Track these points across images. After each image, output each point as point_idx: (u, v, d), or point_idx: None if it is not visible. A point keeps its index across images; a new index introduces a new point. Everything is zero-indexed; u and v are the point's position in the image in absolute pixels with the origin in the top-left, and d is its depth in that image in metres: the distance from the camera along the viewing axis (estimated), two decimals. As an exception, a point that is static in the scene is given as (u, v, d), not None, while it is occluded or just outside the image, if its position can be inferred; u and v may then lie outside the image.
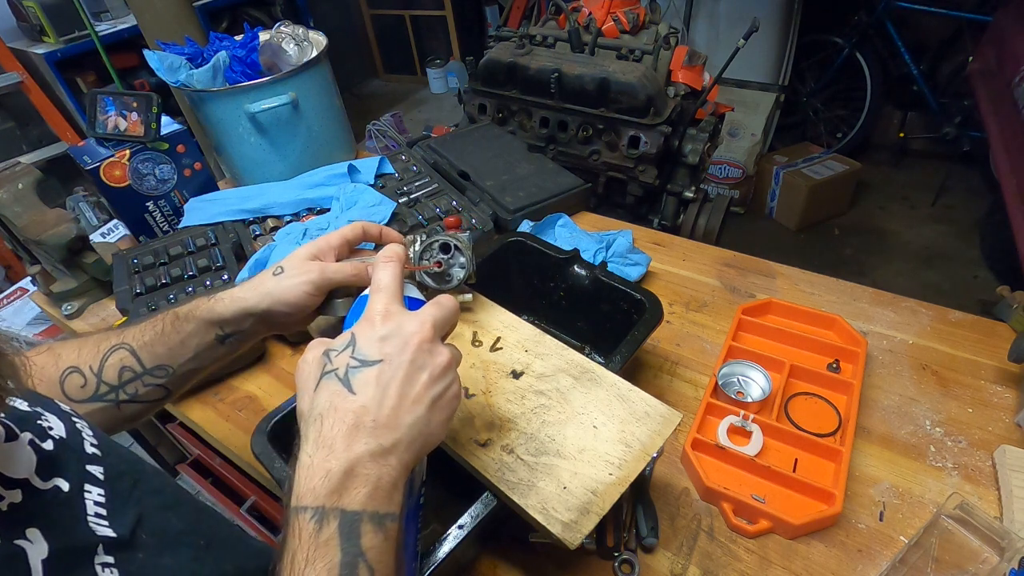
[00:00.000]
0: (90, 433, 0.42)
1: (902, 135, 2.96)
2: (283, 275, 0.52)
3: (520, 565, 0.65)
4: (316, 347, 0.42)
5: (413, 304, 0.47)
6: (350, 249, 0.57)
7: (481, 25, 4.11)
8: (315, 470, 0.36)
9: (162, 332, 0.54)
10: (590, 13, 1.42)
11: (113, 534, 0.36)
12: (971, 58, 2.48)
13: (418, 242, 0.57)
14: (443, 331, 0.43)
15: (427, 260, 0.57)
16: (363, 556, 0.35)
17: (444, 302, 0.44)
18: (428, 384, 0.40)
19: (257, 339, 0.57)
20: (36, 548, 0.32)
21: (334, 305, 0.55)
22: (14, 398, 0.38)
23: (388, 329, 0.40)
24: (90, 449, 0.41)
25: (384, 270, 0.44)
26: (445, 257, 0.57)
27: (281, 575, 0.35)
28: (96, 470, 0.40)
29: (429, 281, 0.57)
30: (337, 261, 0.55)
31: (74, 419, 0.43)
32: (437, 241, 0.57)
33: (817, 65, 2.97)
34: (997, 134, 2.09)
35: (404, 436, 0.38)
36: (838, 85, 2.93)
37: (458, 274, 0.57)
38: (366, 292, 0.47)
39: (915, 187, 2.84)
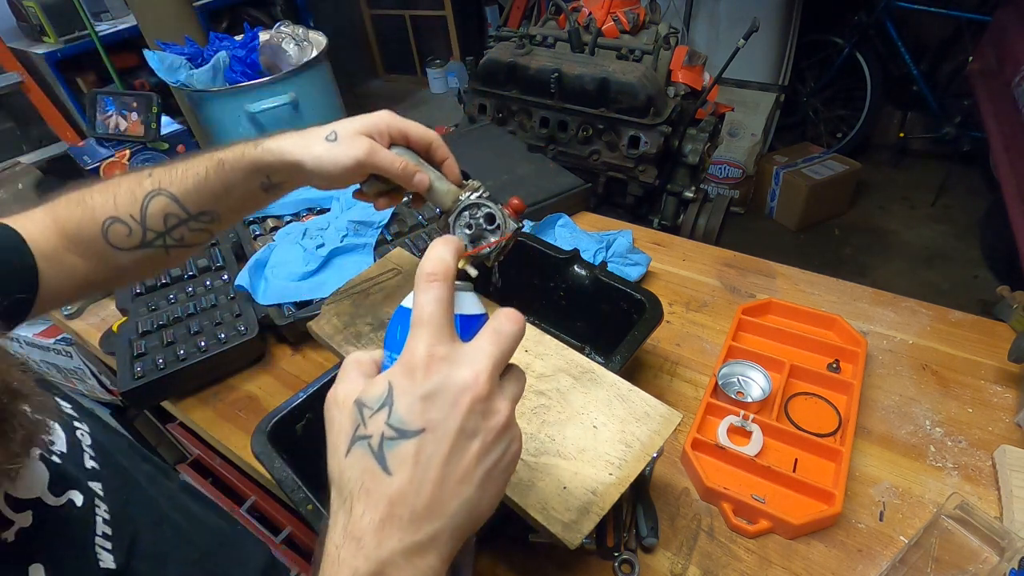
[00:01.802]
0: (90, 443, 0.41)
1: (902, 135, 2.97)
2: (335, 143, 0.52)
3: (520, 565, 0.65)
4: (349, 381, 0.34)
5: (467, 325, 0.37)
6: (405, 142, 0.56)
7: (481, 25, 4.10)
8: (341, 567, 0.30)
9: (205, 179, 0.53)
10: (590, 13, 1.42)
11: (113, 565, 0.35)
12: (971, 58, 2.48)
13: (476, 193, 0.56)
14: (503, 367, 0.34)
15: (467, 217, 0.55)
16: None
17: (505, 328, 0.34)
18: (480, 454, 0.32)
19: (295, 189, 0.57)
20: None
21: (370, 182, 0.55)
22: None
23: (433, 384, 0.31)
24: (89, 464, 0.39)
25: (427, 293, 0.33)
26: (487, 228, 0.55)
27: None
28: (96, 487, 0.38)
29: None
30: (390, 147, 0.54)
31: (76, 425, 0.42)
32: (487, 208, 0.55)
33: (817, 65, 2.97)
34: (997, 134, 2.09)
35: (447, 524, 0.32)
36: (838, 85, 2.93)
37: (484, 252, 0.55)
38: (407, 302, 0.38)
39: (915, 187, 2.84)
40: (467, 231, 0.55)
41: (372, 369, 0.36)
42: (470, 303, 0.38)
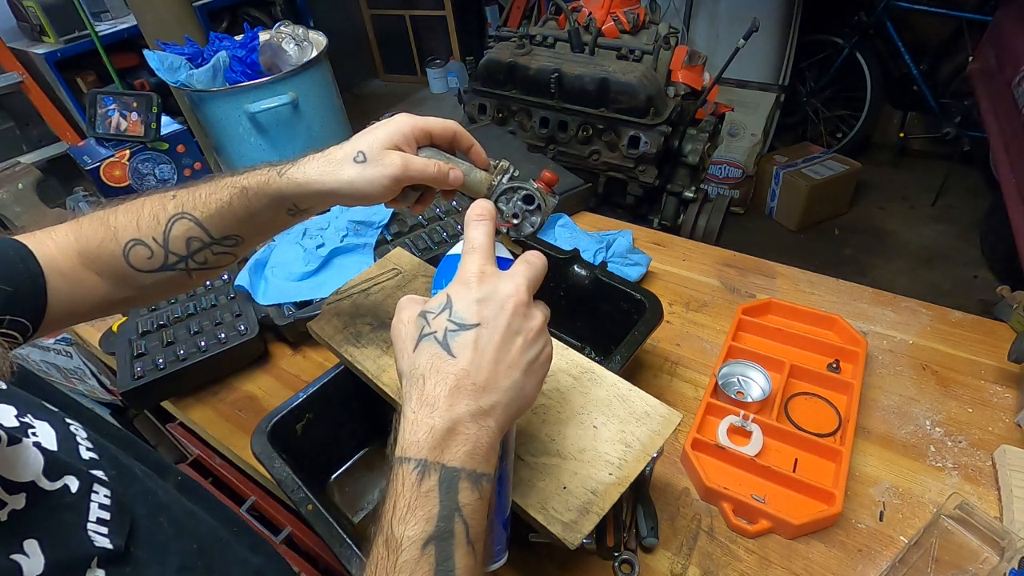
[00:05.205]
0: (84, 436, 0.41)
1: (902, 135, 2.96)
2: (366, 164, 0.50)
3: (520, 565, 0.65)
4: (410, 306, 0.43)
5: (503, 263, 0.46)
6: (429, 141, 0.55)
7: (481, 25, 4.10)
8: (419, 425, 0.37)
9: (229, 205, 0.53)
10: (590, 13, 1.42)
11: (109, 545, 0.36)
12: (971, 58, 2.48)
13: (507, 176, 0.55)
14: (535, 290, 0.43)
15: (503, 203, 0.55)
16: (459, 511, 0.36)
17: (534, 260, 0.44)
18: (523, 348, 0.41)
19: (323, 209, 0.59)
20: (32, 562, 0.31)
21: (407, 195, 0.55)
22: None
23: (484, 292, 0.40)
24: (87, 455, 0.40)
25: (477, 228, 0.44)
26: (527, 208, 0.54)
27: (383, 519, 0.36)
28: (99, 473, 0.39)
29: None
30: (417, 152, 0.54)
31: (67, 421, 0.42)
32: (524, 191, 0.54)
33: (817, 65, 2.97)
34: (997, 134, 2.09)
35: (501, 399, 0.39)
36: (838, 85, 2.93)
37: (526, 229, 0.55)
38: (454, 251, 0.47)
39: (915, 187, 2.84)
40: (505, 229, 0.55)
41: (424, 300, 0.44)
42: (502, 250, 0.50)
